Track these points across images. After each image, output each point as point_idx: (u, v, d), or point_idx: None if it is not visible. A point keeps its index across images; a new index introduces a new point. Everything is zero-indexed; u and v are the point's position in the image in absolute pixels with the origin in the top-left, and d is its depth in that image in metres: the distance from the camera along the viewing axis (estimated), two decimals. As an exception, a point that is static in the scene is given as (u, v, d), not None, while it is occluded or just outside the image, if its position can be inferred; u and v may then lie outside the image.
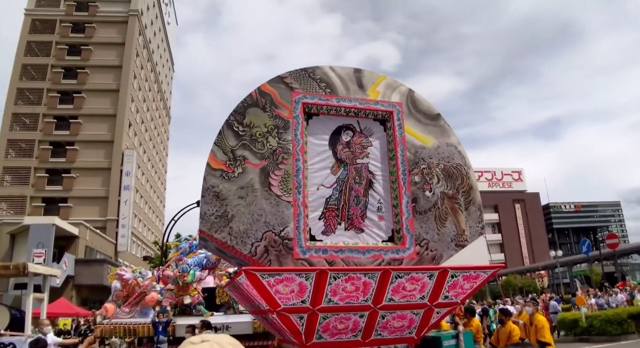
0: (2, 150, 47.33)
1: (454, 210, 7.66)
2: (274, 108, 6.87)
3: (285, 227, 6.51)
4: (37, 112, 49.14)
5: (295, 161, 6.77)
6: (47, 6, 53.49)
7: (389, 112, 7.69)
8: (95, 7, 53.58)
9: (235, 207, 6.36)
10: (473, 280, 7.07)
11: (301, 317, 6.21)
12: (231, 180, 6.40)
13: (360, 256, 6.85)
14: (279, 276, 5.84)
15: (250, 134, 6.63)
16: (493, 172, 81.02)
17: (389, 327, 6.83)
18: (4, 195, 46.33)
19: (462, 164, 7.94)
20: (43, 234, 32.93)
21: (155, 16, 65.27)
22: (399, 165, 7.44)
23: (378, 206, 7.32)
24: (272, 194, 6.56)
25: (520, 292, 50.29)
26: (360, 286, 6.28)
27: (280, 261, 6.37)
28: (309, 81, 7.26)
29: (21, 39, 51.43)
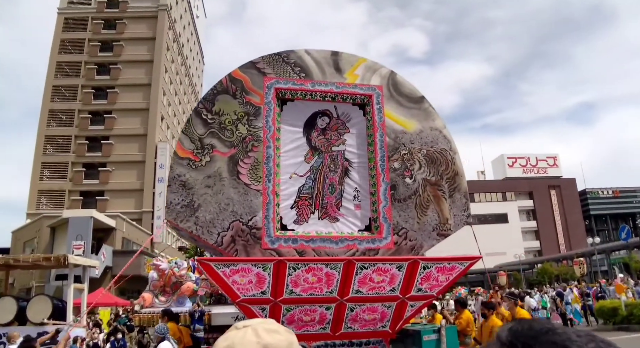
0: (40, 146, 48.64)
1: (437, 198, 7.25)
2: (245, 94, 6.61)
3: (253, 216, 6.26)
4: (72, 108, 50.27)
5: (265, 148, 6.48)
6: (79, 4, 54.48)
7: (368, 95, 7.28)
8: (125, 3, 54.33)
9: (201, 197, 6.22)
10: (448, 272, 6.60)
11: (263, 308, 5.99)
12: (198, 169, 6.25)
13: (333, 246, 6.55)
14: (234, 266, 5.64)
15: (219, 121, 6.43)
16: (527, 157, 79.47)
17: (359, 320, 6.53)
18: (44, 189, 47.67)
19: (447, 149, 7.50)
20: (82, 227, 33.79)
21: (184, 10, 65.81)
22: (377, 151, 7.07)
23: (355, 194, 7.02)
24: (241, 183, 6.33)
25: (556, 280, 49.45)
26: (323, 277, 5.99)
27: (248, 251, 6.13)
28: (283, 66, 6.93)
29: (55, 38, 52.57)
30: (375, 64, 7.61)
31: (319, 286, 6.01)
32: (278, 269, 5.72)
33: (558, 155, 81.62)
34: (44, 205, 46.97)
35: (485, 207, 71.73)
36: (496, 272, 48.98)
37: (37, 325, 11.30)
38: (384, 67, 7.66)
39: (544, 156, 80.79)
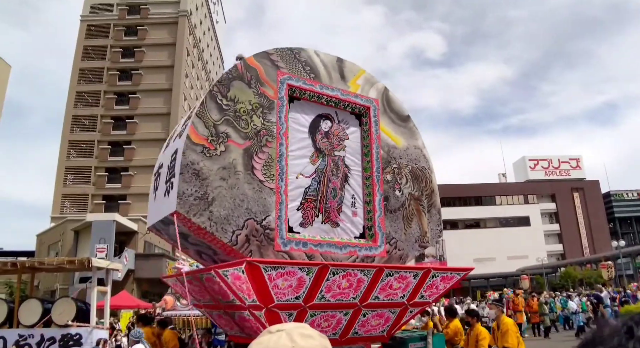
0: (64, 151, 49.49)
1: (419, 212, 7.65)
2: (259, 85, 6.39)
3: (267, 216, 6.04)
4: (95, 113, 51.07)
5: (279, 145, 6.35)
6: (101, 11, 55.39)
7: (367, 107, 7.49)
8: (147, 9, 55.08)
9: (216, 189, 5.72)
10: (448, 281, 6.97)
11: (290, 314, 5.77)
12: (212, 158, 5.76)
13: (338, 251, 6.61)
14: (282, 269, 5.44)
15: (235, 109, 6.09)
16: (549, 159, 78.49)
17: (366, 325, 6.63)
18: (68, 193, 48.46)
19: (426, 168, 7.96)
20: (104, 230, 34.25)
21: (204, 15, 66.47)
22: (373, 162, 7.27)
23: (352, 201, 7.14)
24: (255, 179, 6.05)
25: (580, 284, 48.70)
26: (354, 283, 6.02)
27: (261, 252, 5.93)
28: (295, 62, 6.88)
29: (78, 45, 53.50)
30: (372, 77, 7.83)
31: (347, 292, 6.01)
32: (320, 274, 5.65)
33: (581, 156, 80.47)
34: (68, 209, 47.75)
35: (506, 209, 71.03)
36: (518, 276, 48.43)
37: (61, 326, 11.48)
38: (380, 81, 7.89)
39: (567, 158, 79.71)
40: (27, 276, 15.41)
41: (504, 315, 8.61)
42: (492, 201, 71.58)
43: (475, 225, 69.96)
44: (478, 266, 63.79)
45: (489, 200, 71.41)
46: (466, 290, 59.34)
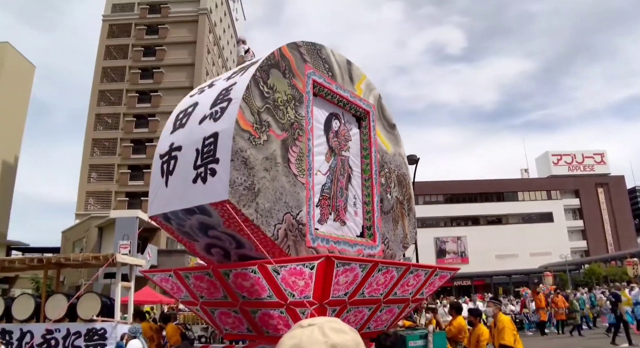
0: (88, 149, 50.26)
1: (402, 215, 8.06)
2: (292, 76, 6.28)
3: (300, 211, 5.96)
4: (117, 111, 51.76)
5: (307, 140, 6.30)
6: (122, 11, 56.01)
7: (367, 111, 7.71)
8: (167, 8, 55.55)
9: (261, 180, 5.54)
10: (441, 279, 7.19)
11: (334, 309, 5.63)
12: (257, 147, 5.56)
13: (350, 249, 6.68)
14: (348, 266, 5.33)
15: (274, 98, 5.94)
16: (573, 155, 77.26)
17: (378, 320, 6.64)
18: (92, 191, 49.23)
19: (406, 174, 8.48)
20: (128, 227, 34.70)
21: (224, 13, 66.80)
22: (372, 165, 7.50)
23: (354, 201, 7.31)
24: (291, 172, 5.96)
25: (605, 281, 47.96)
26: (388, 279, 6.06)
27: (297, 248, 5.82)
28: (317, 58, 6.85)
29: (100, 44, 54.22)
30: (371, 84, 8.09)
31: (379, 288, 6.03)
32: (370, 271, 5.62)
33: (605, 151, 79.03)
34: (92, 206, 48.50)
35: (529, 205, 70.19)
36: (541, 273, 47.87)
37: (87, 321, 11.70)
38: (376, 88, 8.19)
39: (591, 153, 78.36)
40: (53, 272, 15.73)
41: (501, 313, 8.53)
42: (514, 197, 70.76)
43: (497, 221, 69.26)
44: (500, 263, 63.36)
45: (511, 196, 70.61)
46: (488, 287, 58.90)
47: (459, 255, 65.35)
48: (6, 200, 54.59)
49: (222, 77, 6.72)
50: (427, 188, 61.88)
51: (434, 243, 63.98)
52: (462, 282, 61.38)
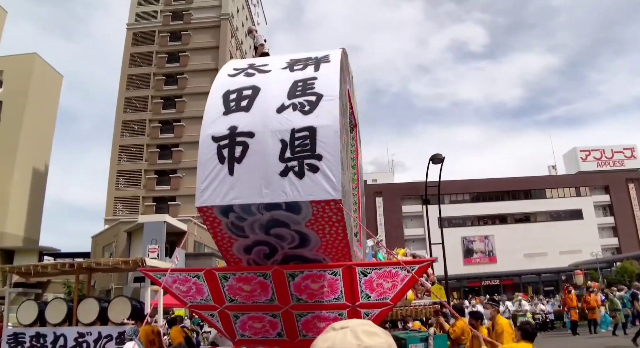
0: (115, 156, 51.15)
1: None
2: (344, 82, 6.17)
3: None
4: (143, 118, 52.58)
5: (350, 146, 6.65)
6: (145, 19, 56.89)
7: (356, 123, 7.82)
8: (189, 15, 56.22)
9: (345, 182, 5.49)
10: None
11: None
12: (343, 147, 5.45)
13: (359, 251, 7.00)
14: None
15: (344, 101, 5.91)
16: (602, 150, 75.70)
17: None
18: (120, 196, 50.07)
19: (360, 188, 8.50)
20: (156, 231, 35.20)
21: (245, 18, 67.31)
22: (359, 174, 7.54)
23: None
24: (351, 175, 6.34)
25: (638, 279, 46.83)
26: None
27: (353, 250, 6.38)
28: (347, 67, 6.76)
29: (125, 52, 55.16)
30: (356, 97, 8.27)
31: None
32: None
33: (636, 145, 77.18)
34: (120, 211, 49.32)
35: (557, 203, 69.03)
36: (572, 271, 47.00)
37: (117, 324, 11.92)
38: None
39: (620, 147, 76.65)
40: (85, 276, 16.06)
41: (499, 315, 8.34)
42: (542, 194, 69.67)
43: (525, 219, 68.29)
44: (529, 262, 62.43)
45: (539, 194, 69.55)
46: (517, 286, 58.10)
47: (486, 254, 64.61)
48: (37, 206, 55.85)
49: (275, 63, 6.40)
50: (453, 188, 61.29)
51: (461, 243, 63.38)
52: (491, 281, 60.73)
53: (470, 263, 61.20)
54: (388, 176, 76.61)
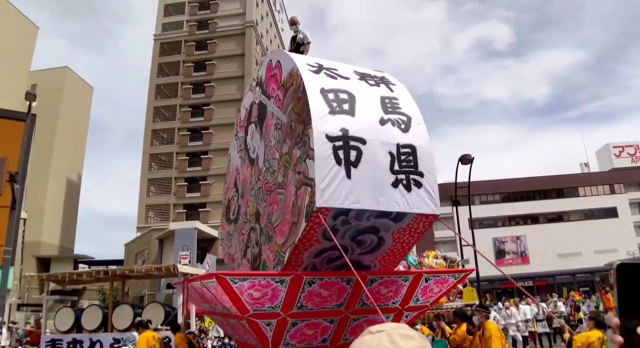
0: (146, 164, 51.98)
1: None
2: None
3: None
4: (172, 126, 53.34)
5: None
6: (172, 29, 57.78)
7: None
8: (215, 23, 56.88)
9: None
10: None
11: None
12: None
13: None
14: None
15: None
16: (636, 145, 73.62)
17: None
18: (151, 204, 50.84)
19: None
20: (187, 238, 35.62)
21: (270, 24, 67.80)
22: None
23: None
24: None
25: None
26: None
27: None
28: None
29: (153, 62, 56.11)
30: None
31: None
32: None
33: (672, 140, 75.02)
34: (152, 218, 50.06)
35: (591, 201, 67.44)
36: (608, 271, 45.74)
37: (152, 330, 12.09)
38: None
39: (656, 143, 74.54)
40: (119, 283, 16.37)
41: (489, 321, 8.20)
42: (575, 193, 68.17)
43: (558, 218, 66.91)
44: (563, 262, 61.12)
45: (571, 192, 68.08)
46: (551, 287, 56.95)
47: (518, 255, 63.49)
48: (72, 216, 57.15)
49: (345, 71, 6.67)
50: (483, 188, 60.49)
51: (492, 244, 62.43)
52: (524, 282, 59.59)
53: (502, 264, 60.10)
54: (416, 178, 75.94)
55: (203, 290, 6.33)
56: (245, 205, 8.63)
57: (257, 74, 8.89)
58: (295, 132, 6.36)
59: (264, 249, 7.21)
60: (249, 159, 8.58)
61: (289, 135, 6.61)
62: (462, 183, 24.67)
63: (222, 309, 6.30)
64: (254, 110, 8.48)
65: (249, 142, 8.69)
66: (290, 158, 6.45)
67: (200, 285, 6.29)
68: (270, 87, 7.72)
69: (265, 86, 8.01)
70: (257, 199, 7.85)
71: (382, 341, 1.15)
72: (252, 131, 8.49)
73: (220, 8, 57.54)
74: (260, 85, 8.38)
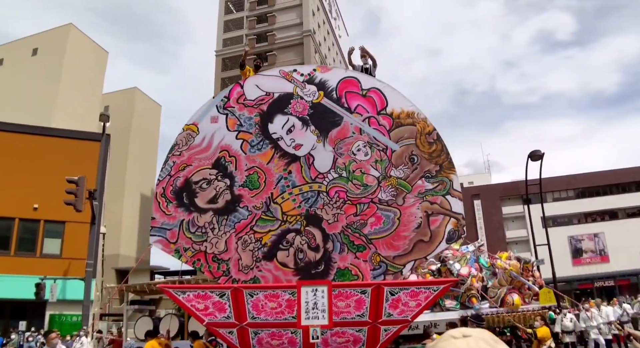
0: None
1: None
2: None
3: None
4: (237, 138, 54.66)
5: None
6: (232, 44, 59.38)
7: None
8: (273, 36, 57.97)
9: None
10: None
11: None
12: None
13: None
14: None
15: None
16: None
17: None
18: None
19: None
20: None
21: (327, 32, 68.33)
22: None
23: None
24: None
25: None
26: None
27: None
28: None
29: (216, 77, 57.83)
30: None
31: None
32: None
33: None
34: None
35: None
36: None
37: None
38: None
39: None
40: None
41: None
42: (657, 188, 64.32)
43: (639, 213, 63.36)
44: (646, 259, 57.55)
45: (653, 185, 64.29)
46: (634, 287, 53.85)
47: (597, 253, 60.44)
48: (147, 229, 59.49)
49: None
50: (556, 184, 58.10)
51: (568, 243, 59.85)
52: (604, 282, 56.76)
53: (580, 263, 57.58)
54: (485, 177, 74.12)
55: None
56: (267, 200, 8.12)
57: (309, 71, 8.90)
58: (421, 167, 8.02)
59: (340, 256, 7.64)
60: (274, 147, 8.36)
61: (404, 164, 8.05)
62: (533, 180, 23.88)
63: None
64: (298, 104, 8.48)
65: (272, 129, 8.47)
66: (411, 186, 7.96)
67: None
68: (354, 103, 8.38)
69: (337, 95, 8.40)
70: (308, 202, 7.93)
71: (479, 343, 1.16)
72: (285, 122, 8.46)
73: (277, 20, 58.58)
74: (321, 88, 8.53)
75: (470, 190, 63.29)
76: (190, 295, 6.15)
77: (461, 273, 13.01)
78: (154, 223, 8.69)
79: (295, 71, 8.90)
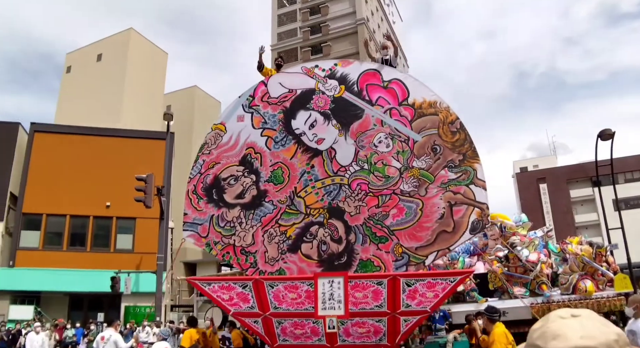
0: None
1: None
2: None
3: None
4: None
5: None
6: (287, 37, 59.86)
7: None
8: (327, 26, 57.96)
9: None
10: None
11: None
12: None
13: None
14: None
15: None
16: None
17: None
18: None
19: None
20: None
21: (381, 19, 67.60)
22: None
23: None
24: None
25: None
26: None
27: None
28: None
29: (273, 71, 58.47)
30: None
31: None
32: None
33: None
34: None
35: None
36: None
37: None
38: None
39: None
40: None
41: (496, 324, 7.74)
42: None
43: None
44: None
45: None
46: None
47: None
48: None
49: None
50: (627, 165, 55.14)
51: (644, 226, 56.90)
52: (687, 266, 53.61)
53: (657, 248, 54.64)
54: (550, 160, 71.28)
55: None
56: (291, 194, 8.30)
57: (330, 66, 9.06)
58: (444, 157, 7.94)
59: (363, 248, 7.82)
60: (297, 142, 8.57)
61: (427, 154, 8.00)
62: (603, 161, 22.85)
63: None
64: (320, 99, 8.63)
65: (295, 125, 8.66)
66: (434, 176, 7.90)
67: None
68: (375, 95, 8.48)
69: (358, 88, 8.57)
70: (331, 195, 8.10)
71: (594, 323, 1.12)
72: (308, 118, 8.62)
73: (330, 10, 58.49)
74: (342, 82, 8.71)
75: (535, 174, 61.23)
76: (216, 287, 6.52)
77: (530, 260, 12.63)
78: (186, 218, 8.97)
79: (317, 67, 9.12)
